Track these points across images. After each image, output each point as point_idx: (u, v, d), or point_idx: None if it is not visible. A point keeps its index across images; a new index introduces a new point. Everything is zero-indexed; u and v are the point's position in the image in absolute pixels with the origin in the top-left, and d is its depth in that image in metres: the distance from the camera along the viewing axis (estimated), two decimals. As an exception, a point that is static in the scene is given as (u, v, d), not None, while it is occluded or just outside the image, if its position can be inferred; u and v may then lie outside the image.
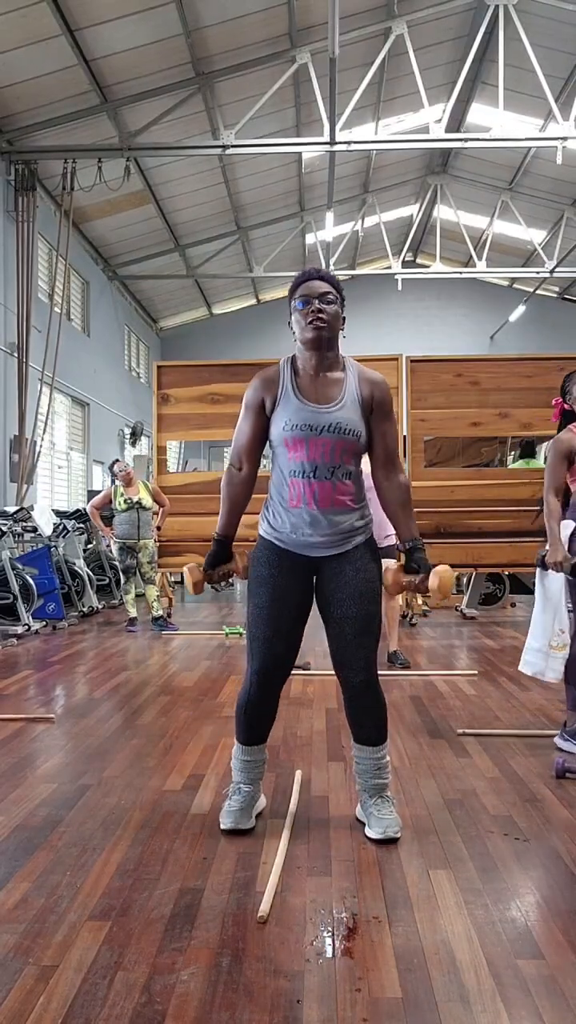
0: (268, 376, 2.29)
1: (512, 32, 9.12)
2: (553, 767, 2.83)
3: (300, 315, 2.22)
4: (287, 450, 2.23)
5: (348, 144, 9.63)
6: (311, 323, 2.20)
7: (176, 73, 9.52)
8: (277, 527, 2.27)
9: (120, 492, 6.79)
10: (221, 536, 2.36)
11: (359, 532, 2.27)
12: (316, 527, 2.22)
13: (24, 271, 9.81)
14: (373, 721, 2.30)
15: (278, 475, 2.28)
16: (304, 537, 2.23)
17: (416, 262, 18.84)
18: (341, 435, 2.20)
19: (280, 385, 2.26)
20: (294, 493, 2.23)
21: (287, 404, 2.23)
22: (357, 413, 2.23)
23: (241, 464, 2.34)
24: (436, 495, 7.17)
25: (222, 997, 1.52)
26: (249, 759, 2.37)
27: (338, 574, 2.24)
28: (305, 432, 2.20)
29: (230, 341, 17.80)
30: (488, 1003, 1.51)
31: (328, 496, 2.21)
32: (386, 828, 2.24)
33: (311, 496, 2.21)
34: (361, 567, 2.24)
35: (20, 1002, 1.52)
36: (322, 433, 2.19)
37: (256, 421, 2.29)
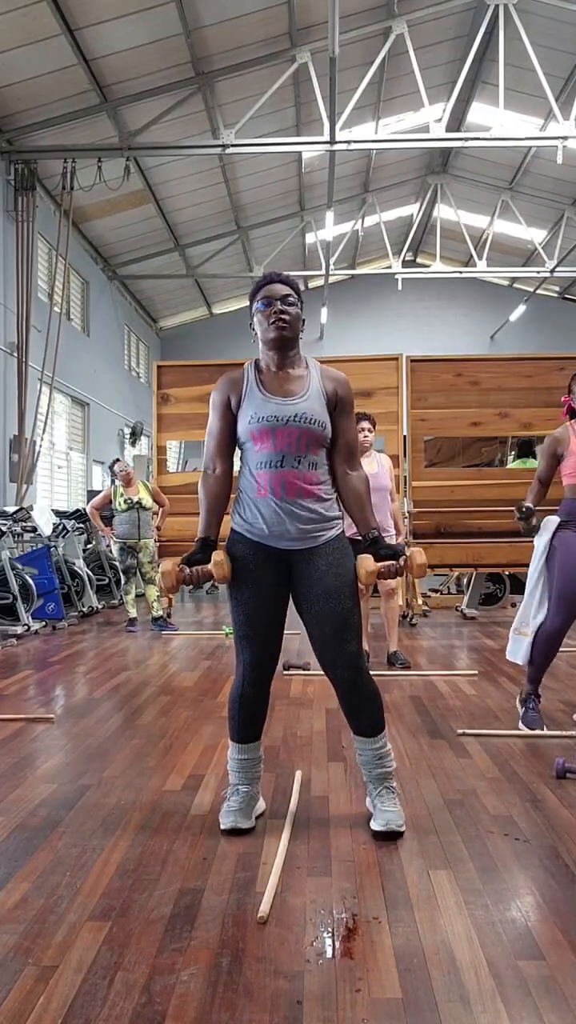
0: (233, 377, 2.36)
1: (512, 31, 9.12)
2: (553, 767, 2.83)
3: (263, 316, 2.29)
4: (254, 443, 2.27)
5: (348, 144, 9.63)
6: (273, 323, 2.26)
7: (176, 73, 9.52)
8: (247, 519, 2.30)
9: (120, 492, 6.80)
10: (202, 537, 2.36)
11: (329, 526, 2.29)
12: (284, 518, 2.24)
13: (24, 271, 9.81)
14: (368, 712, 2.32)
15: (246, 470, 2.32)
16: (273, 528, 2.25)
17: (416, 262, 18.84)
18: (307, 424, 2.24)
19: (245, 383, 2.32)
20: (262, 484, 2.26)
21: (252, 399, 2.28)
22: (321, 406, 2.28)
23: (214, 465, 2.38)
24: (436, 495, 7.17)
25: (222, 997, 1.52)
26: (245, 757, 2.38)
27: (310, 571, 2.26)
28: (271, 423, 2.24)
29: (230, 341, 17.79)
30: (488, 1003, 1.51)
31: (295, 485, 2.23)
32: (388, 821, 2.25)
33: (279, 485, 2.23)
34: (333, 562, 2.26)
35: (20, 1002, 1.52)
36: (288, 423, 2.23)
37: (224, 420, 2.34)
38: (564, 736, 3.32)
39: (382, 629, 5.23)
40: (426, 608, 7.88)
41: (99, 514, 7.12)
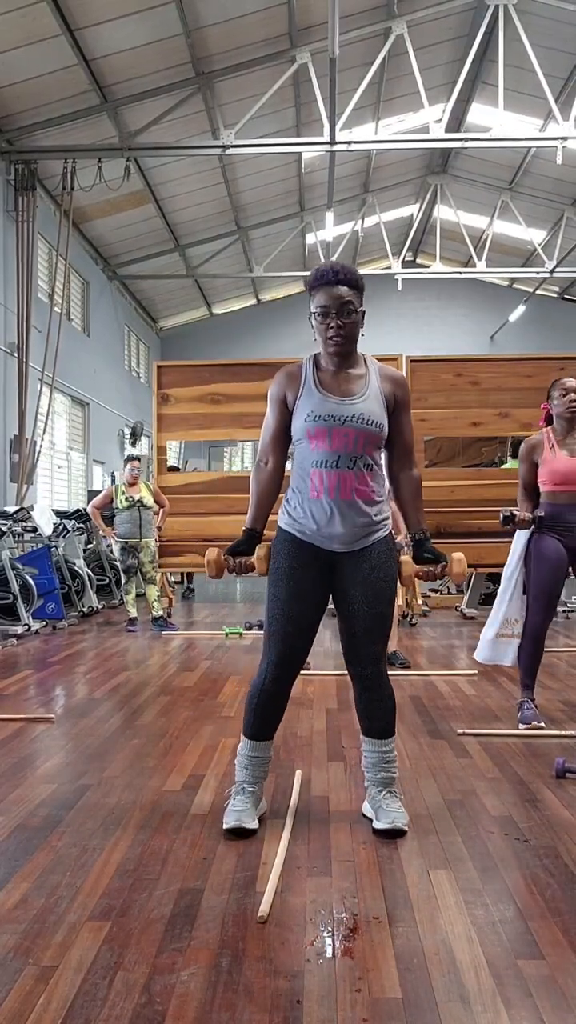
0: (291, 371, 2.33)
1: (512, 32, 9.12)
2: (553, 767, 2.83)
3: (320, 326, 2.24)
4: (309, 441, 2.25)
5: (348, 144, 9.64)
6: (331, 339, 2.23)
7: (176, 73, 9.53)
8: (297, 518, 2.28)
9: (122, 491, 6.80)
10: (249, 528, 2.37)
11: (378, 528, 2.29)
12: (336, 518, 2.23)
13: (24, 271, 9.82)
14: (383, 714, 2.34)
15: (299, 468, 2.30)
16: (324, 529, 2.24)
17: (416, 262, 18.84)
18: (364, 426, 2.22)
19: (302, 379, 2.30)
20: (315, 484, 2.24)
21: (309, 397, 2.26)
22: (380, 407, 2.27)
23: (267, 458, 2.38)
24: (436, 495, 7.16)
25: (222, 997, 1.52)
26: (256, 755, 2.36)
27: (355, 572, 2.26)
28: (328, 423, 2.22)
29: (230, 341, 17.80)
30: (488, 1003, 1.51)
31: (349, 486, 2.22)
32: (394, 819, 2.26)
33: (332, 486, 2.22)
34: (378, 566, 2.26)
35: (20, 1002, 1.52)
36: (345, 423, 2.22)
37: (279, 415, 2.33)
38: (564, 736, 3.32)
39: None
40: (426, 608, 7.88)
41: (100, 513, 7.12)
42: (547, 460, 3.46)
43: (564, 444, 3.46)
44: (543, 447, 3.50)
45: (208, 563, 2.36)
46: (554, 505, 3.45)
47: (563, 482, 3.41)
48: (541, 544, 3.44)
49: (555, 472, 3.42)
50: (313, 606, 2.29)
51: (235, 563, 2.35)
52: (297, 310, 18.12)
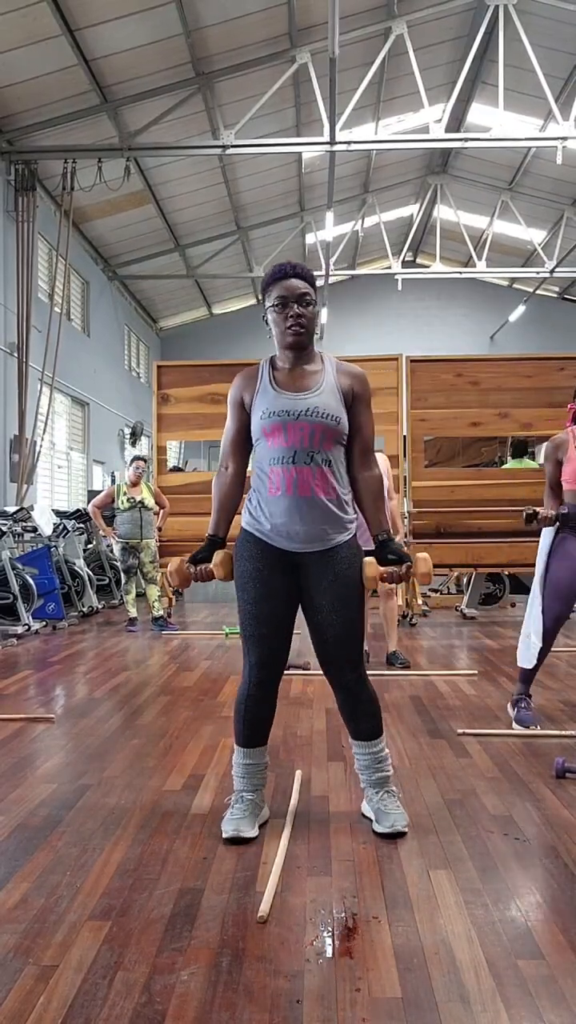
0: (247, 373, 2.33)
1: (512, 32, 9.13)
2: (553, 767, 2.83)
3: (278, 316, 2.23)
4: (266, 439, 2.23)
5: (348, 144, 9.63)
6: (290, 327, 2.22)
7: (176, 73, 9.53)
8: (257, 517, 2.26)
9: (123, 491, 6.81)
10: (212, 535, 2.36)
11: (342, 528, 2.24)
12: (296, 516, 2.19)
13: (24, 271, 9.82)
14: (367, 716, 2.32)
15: (258, 467, 2.28)
16: (283, 528, 2.21)
17: (416, 262, 18.85)
18: (319, 419, 2.19)
19: (259, 380, 2.29)
20: (274, 481, 2.21)
21: (265, 395, 2.25)
22: (336, 400, 2.24)
23: (228, 463, 2.37)
24: (436, 495, 7.17)
25: (222, 997, 1.53)
26: (250, 762, 2.34)
27: (319, 577, 2.23)
28: (282, 418, 2.20)
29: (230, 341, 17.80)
30: (488, 1003, 1.51)
31: (308, 483, 2.18)
32: (393, 823, 2.26)
33: (291, 482, 2.19)
34: (341, 571, 2.22)
35: (20, 1002, 1.52)
36: (299, 418, 2.19)
37: (238, 418, 2.33)
38: (564, 736, 3.32)
39: (381, 629, 5.23)
40: (426, 608, 7.88)
41: (100, 513, 7.12)
42: (572, 458, 3.39)
43: None
44: (568, 445, 3.43)
45: (171, 573, 2.33)
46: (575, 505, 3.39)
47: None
48: (561, 544, 3.38)
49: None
50: (283, 604, 2.26)
51: (197, 570, 2.32)
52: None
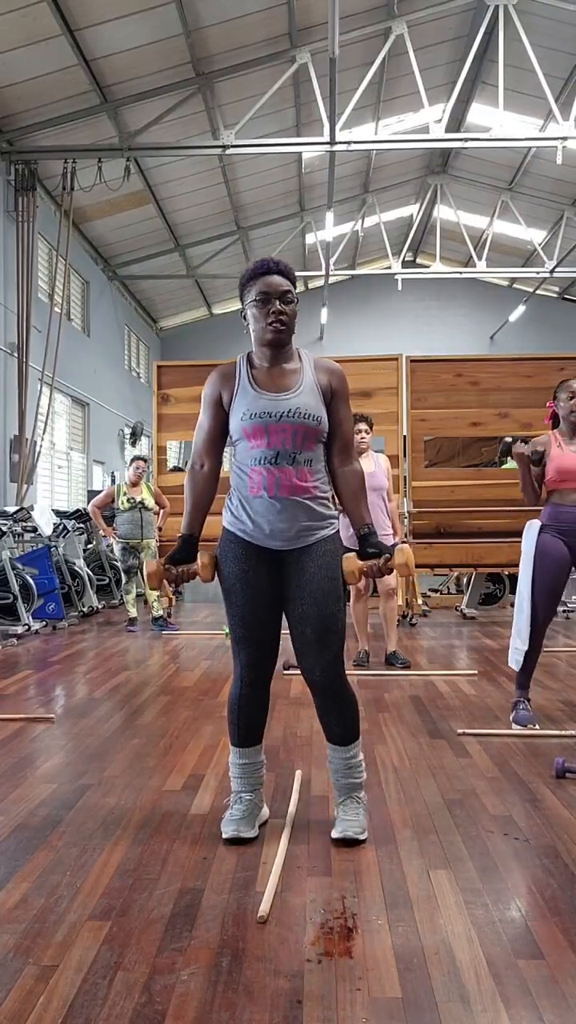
0: (225, 371, 2.28)
1: (512, 32, 9.13)
2: (553, 767, 2.83)
3: (259, 312, 2.20)
4: (247, 440, 2.21)
5: (348, 144, 9.63)
6: (271, 324, 2.18)
7: (176, 73, 9.53)
8: (239, 517, 2.24)
9: (123, 491, 6.81)
10: (186, 534, 2.33)
11: (323, 525, 2.23)
12: (277, 515, 2.18)
13: (24, 271, 9.82)
14: (339, 720, 2.27)
15: (238, 467, 2.26)
16: (265, 527, 2.19)
17: (416, 262, 18.85)
18: (301, 419, 2.17)
19: (237, 379, 2.25)
20: (255, 481, 2.19)
21: (244, 395, 2.21)
22: (316, 399, 2.22)
23: (202, 461, 2.33)
24: (436, 495, 7.17)
25: (222, 997, 1.53)
26: (246, 762, 2.32)
27: (300, 571, 2.21)
28: (264, 420, 2.17)
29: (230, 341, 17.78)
30: (488, 1003, 1.51)
31: (289, 483, 2.17)
32: (346, 829, 2.20)
33: (272, 483, 2.17)
34: (323, 564, 2.21)
35: (20, 1002, 1.52)
36: (281, 419, 2.17)
37: (215, 416, 2.28)
38: (564, 736, 3.33)
39: (381, 629, 5.23)
40: (426, 608, 7.88)
41: (100, 513, 7.12)
42: (555, 457, 3.44)
43: (571, 443, 3.46)
44: (551, 446, 3.49)
45: (148, 575, 2.31)
46: (557, 504, 3.44)
47: (570, 479, 3.40)
48: (545, 543, 3.43)
49: (561, 469, 3.40)
50: (270, 604, 2.24)
51: (177, 572, 2.29)
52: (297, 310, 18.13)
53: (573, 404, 3.44)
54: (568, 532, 3.41)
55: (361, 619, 5.10)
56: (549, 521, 3.45)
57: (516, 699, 3.54)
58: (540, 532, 3.46)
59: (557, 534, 3.42)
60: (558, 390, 3.52)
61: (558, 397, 3.52)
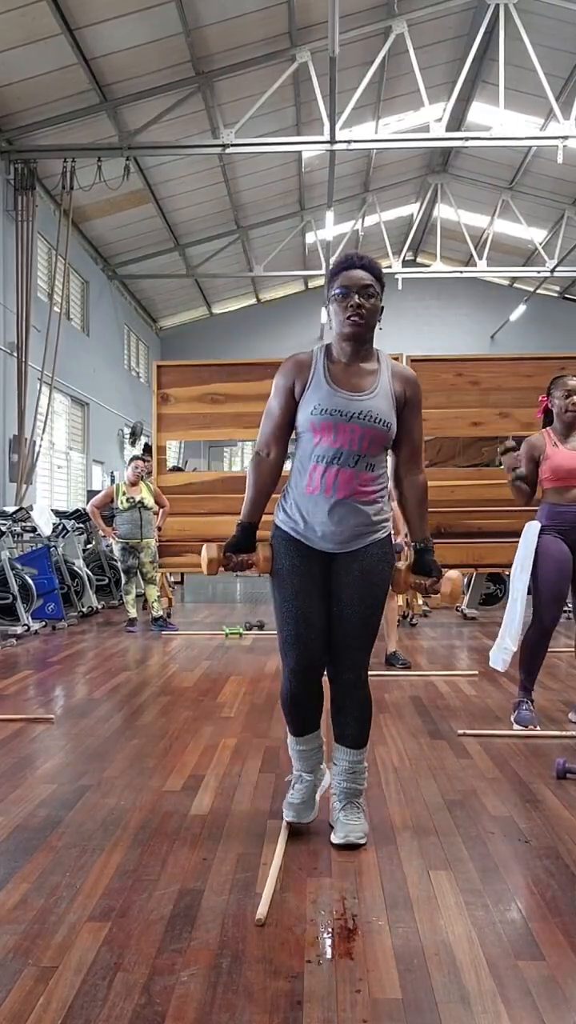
0: (301, 360, 2.24)
1: (513, 31, 9.12)
2: (554, 768, 2.83)
3: (339, 306, 2.16)
4: (313, 435, 2.18)
5: (348, 143, 9.63)
6: (349, 318, 2.14)
7: (176, 72, 9.52)
8: (292, 515, 2.22)
9: (122, 491, 6.80)
10: (246, 522, 2.28)
11: (375, 529, 2.21)
12: (332, 517, 2.15)
13: (24, 271, 9.81)
14: (358, 722, 2.27)
15: (299, 462, 2.22)
16: (318, 528, 2.17)
17: (416, 261, 18.83)
18: (371, 423, 2.14)
19: (312, 370, 2.21)
20: (314, 479, 2.16)
21: (318, 389, 2.18)
22: (389, 405, 2.19)
23: (269, 449, 2.28)
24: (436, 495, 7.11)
25: (222, 998, 1.52)
26: (304, 748, 2.31)
27: (347, 572, 2.19)
28: (335, 417, 2.14)
29: (230, 341, 17.79)
30: (488, 1004, 1.50)
31: (349, 485, 2.14)
32: (348, 833, 2.19)
33: (331, 483, 2.14)
34: (370, 568, 2.19)
35: (20, 1003, 1.51)
36: (352, 420, 2.14)
37: (286, 405, 2.24)
38: (564, 736, 3.32)
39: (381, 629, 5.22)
40: (426, 608, 7.88)
41: (99, 513, 7.11)
42: (549, 456, 3.43)
43: (566, 442, 3.46)
44: (544, 445, 3.49)
45: (209, 561, 2.26)
46: (556, 504, 3.43)
47: (567, 477, 3.39)
48: (545, 544, 3.42)
49: (557, 469, 3.40)
50: (320, 602, 2.22)
51: (236, 560, 2.26)
52: (297, 310, 18.13)
53: (568, 404, 3.42)
54: (568, 532, 3.40)
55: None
56: (548, 521, 3.44)
57: (519, 699, 3.54)
58: (541, 533, 3.44)
59: (557, 534, 3.41)
60: (552, 386, 3.50)
61: (552, 394, 3.49)
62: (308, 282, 18.20)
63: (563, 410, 3.43)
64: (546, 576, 3.39)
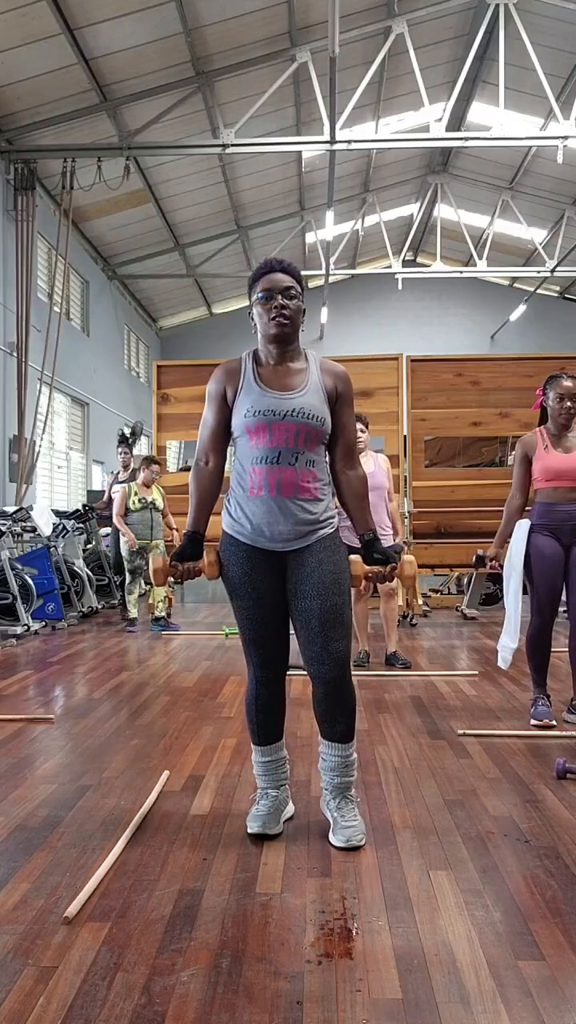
0: (230, 367, 2.28)
1: (513, 31, 9.12)
2: (554, 767, 2.83)
3: (263, 309, 2.21)
4: (249, 437, 2.20)
5: (348, 143, 9.63)
6: (274, 319, 2.19)
7: (176, 72, 9.52)
8: (237, 519, 2.24)
9: (135, 491, 6.82)
10: (190, 531, 2.32)
11: (323, 524, 2.22)
12: (278, 516, 2.17)
13: (24, 270, 9.81)
14: (343, 716, 2.27)
15: (239, 465, 2.25)
16: (264, 529, 2.19)
17: (416, 261, 18.84)
18: (304, 420, 2.17)
19: (242, 375, 2.24)
20: (255, 481, 2.18)
21: (249, 392, 2.21)
22: (321, 400, 2.22)
23: (207, 458, 2.31)
24: (436, 495, 7.17)
25: (222, 998, 1.52)
26: (268, 759, 2.35)
27: (300, 567, 2.21)
28: (268, 417, 2.16)
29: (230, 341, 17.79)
30: (488, 1004, 1.50)
31: (291, 483, 2.16)
32: (350, 837, 2.19)
33: (273, 483, 2.16)
34: (324, 558, 2.20)
35: (20, 1003, 1.51)
36: (285, 418, 2.16)
37: (219, 412, 2.28)
38: (564, 736, 3.32)
39: (381, 629, 5.22)
40: (426, 608, 7.87)
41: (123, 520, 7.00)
42: (540, 456, 3.47)
43: (558, 443, 3.48)
44: (536, 444, 3.51)
45: (155, 572, 2.33)
46: (547, 503, 3.46)
47: (556, 478, 3.43)
48: (537, 543, 3.45)
49: (548, 469, 3.43)
50: (275, 607, 2.25)
51: (182, 569, 2.30)
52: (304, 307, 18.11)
53: (563, 407, 3.43)
54: (559, 530, 3.43)
55: (361, 620, 5.09)
56: (540, 520, 3.48)
57: (534, 696, 3.58)
58: (532, 532, 3.47)
59: (548, 532, 3.45)
60: (548, 385, 3.51)
61: (547, 393, 3.51)
62: (308, 282, 18.19)
63: (556, 414, 3.46)
64: (540, 574, 3.44)
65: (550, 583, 3.43)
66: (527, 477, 3.55)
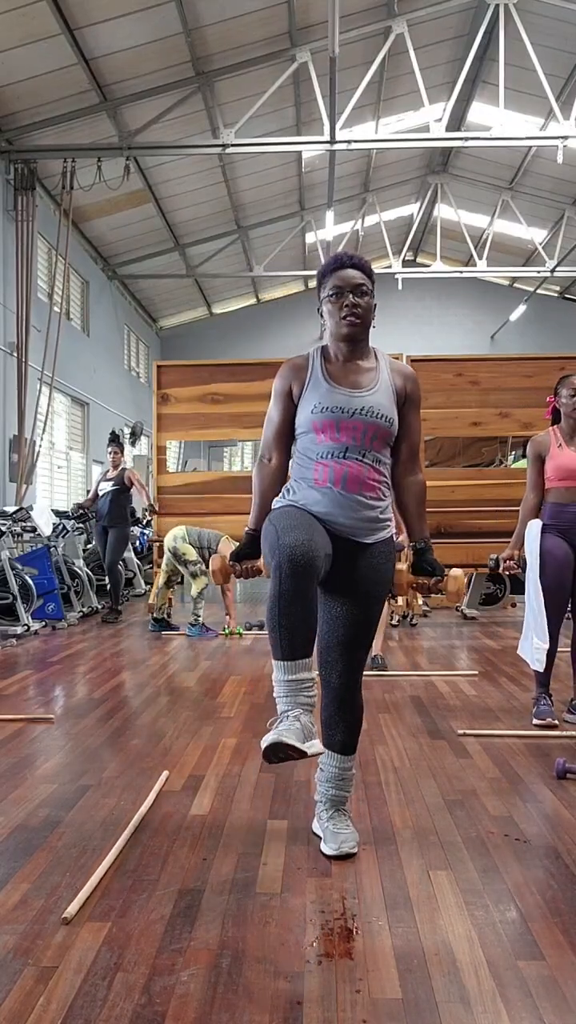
0: (297, 363, 2.21)
1: (513, 31, 9.11)
2: (554, 768, 2.83)
3: (334, 307, 2.13)
4: (316, 434, 2.12)
5: (348, 143, 9.62)
6: (345, 318, 2.11)
7: (176, 72, 9.52)
8: (300, 498, 2.13)
9: None
10: (252, 530, 2.24)
11: (383, 524, 2.16)
12: (341, 510, 2.08)
13: (24, 270, 9.81)
14: (348, 728, 2.20)
15: (302, 460, 2.17)
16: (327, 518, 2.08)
17: (416, 261, 18.82)
18: (373, 418, 2.10)
19: (309, 371, 2.17)
20: (321, 474, 2.10)
21: (317, 388, 2.14)
22: (390, 400, 2.14)
23: (271, 455, 2.24)
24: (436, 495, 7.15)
25: (222, 998, 1.52)
26: (292, 678, 1.89)
27: (351, 568, 2.12)
28: (336, 414, 2.09)
29: (230, 341, 17.79)
30: (488, 1004, 1.50)
31: (358, 478, 2.08)
32: (341, 843, 2.14)
33: (339, 477, 2.08)
34: (377, 566, 2.13)
35: (20, 1003, 1.51)
36: (353, 416, 2.09)
37: (285, 409, 2.20)
38: (564, 736, 3.32)
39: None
40: (426, 608, 7.87)
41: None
42: (553, 456, 3.47)
43: (571, 442, 3.48)
44: (549, 444, 3.51)
45: (213, 573, 2.29)
46: (558, 503, 3.45)
47: (568, 477, 3.42)
48: (548, 543, 3.44)
49: (560, 468, 3.43)
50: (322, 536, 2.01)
51: (242, 568, 2.26)
52: (297, 310, 18.11)
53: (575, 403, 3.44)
54: (568, 531, 3.42)
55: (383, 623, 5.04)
56: (550, 520, 3.47)
57: (537, 695, 3.57)
58: (543, 532, 3.46)
59: (559, 533, 3.44)
60: (559, 385, 3.53)
61: (559, 393, 3.52)
62: (308, 282, 18.18)
63: (570, 409, 3.46)
64: (548, 574, 3.42)
65: (559, 584, 3.42)
66: (540, 477, 3.54)
